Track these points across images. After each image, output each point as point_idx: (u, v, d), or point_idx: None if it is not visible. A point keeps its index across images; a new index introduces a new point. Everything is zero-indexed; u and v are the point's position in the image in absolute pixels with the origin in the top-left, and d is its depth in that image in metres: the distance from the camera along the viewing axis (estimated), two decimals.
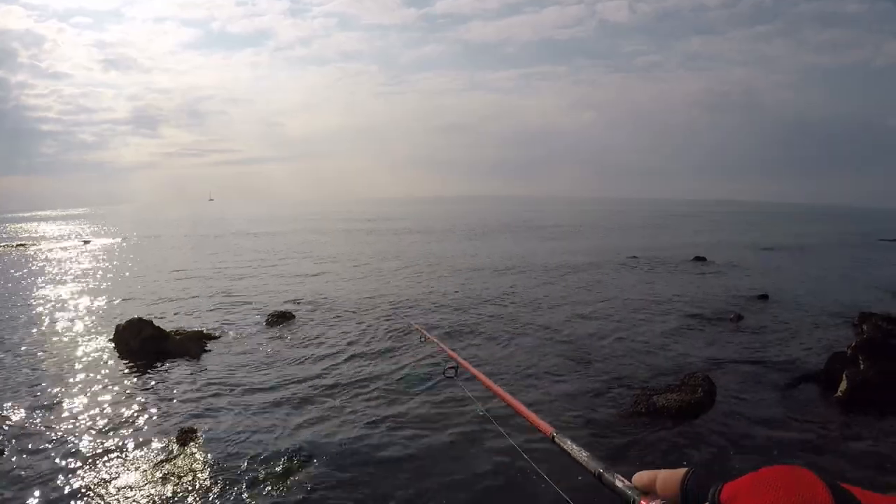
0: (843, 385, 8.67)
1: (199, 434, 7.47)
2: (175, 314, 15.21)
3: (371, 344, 11.86)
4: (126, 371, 10.39)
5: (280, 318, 14.25)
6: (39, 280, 22.90)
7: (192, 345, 11.48)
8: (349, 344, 11.93)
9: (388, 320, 13.86)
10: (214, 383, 9.60)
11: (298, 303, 16.42)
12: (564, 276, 20.94)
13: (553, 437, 1.55)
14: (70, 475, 6.46)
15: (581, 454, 1.34)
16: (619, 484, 1.09)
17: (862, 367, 9.06)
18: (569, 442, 1.43)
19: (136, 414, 8.33)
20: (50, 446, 7.24)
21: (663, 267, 23.94)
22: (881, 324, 12.51)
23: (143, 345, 11.27)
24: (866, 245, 38.02)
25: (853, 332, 12.34)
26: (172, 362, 10.83)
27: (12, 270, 26.39)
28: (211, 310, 15.79)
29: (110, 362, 10.89)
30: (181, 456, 6.90)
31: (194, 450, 7.06)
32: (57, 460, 6.84)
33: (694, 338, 12.22)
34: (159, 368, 10.52)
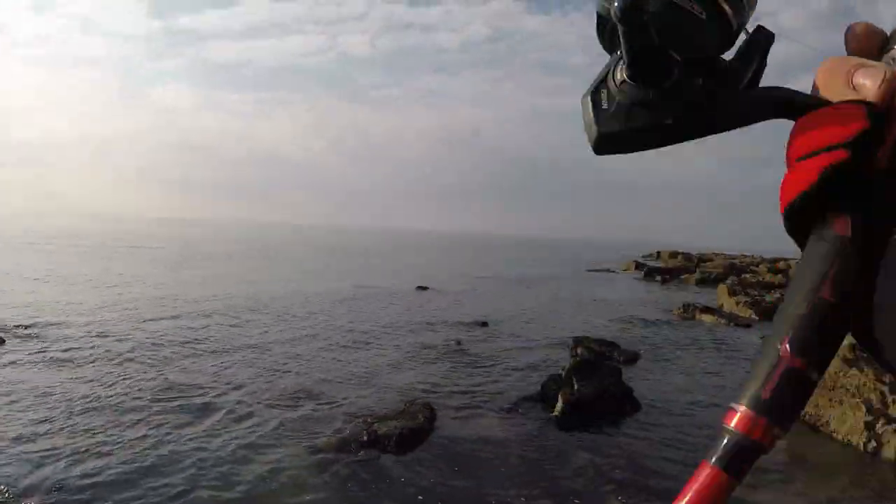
0: (559, 405, 9.50)
1: None
2: None
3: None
4: None
5: None
6: None
7: None
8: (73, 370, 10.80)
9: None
10: None
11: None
12: (268, 305, 20.59)
13: None
14: None
15: None
16: None
17: (576, 386, 9.98)
18: None
19: None
20: None
21: (387, 296, 24.60)
22: (593, 346, 13.98)
23: None
24: (578, 274, 42.26)
25: (568, 354, 13.54)
26: None
27: None
28: None
29: None
30: None
31: None
32: None
33: (416, 365, 12.71)
34: None
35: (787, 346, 0.52)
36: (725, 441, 0.52)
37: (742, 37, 0.62)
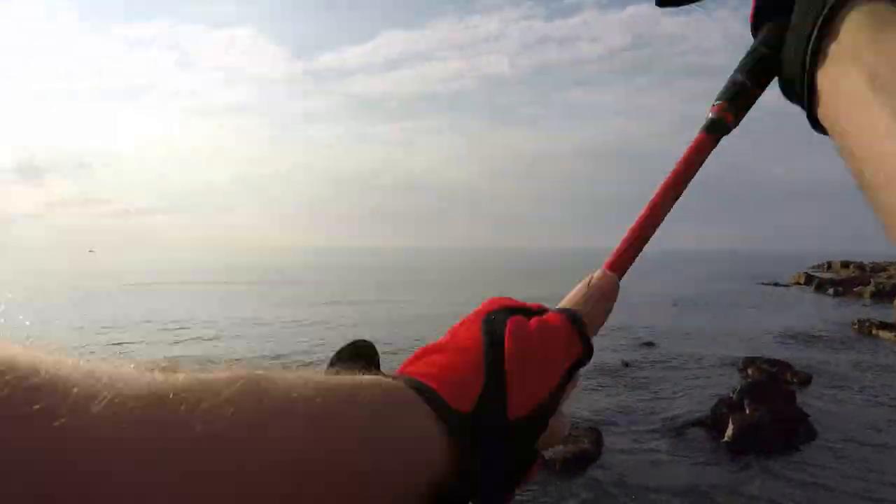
0: (730, 430, 9.25)
1: None
2: None
3: None
4: None
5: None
6: None
7: None
8: None
9: None
10: None
11: (182, 356, 15.83)
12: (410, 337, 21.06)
13: None
14: None
15: None
16: None
17: (747, 410, 9.70)
18: None
19: None
20: None
21: None
22: (765, 367, 13.47)
23: None
24: (746, 289, 40.64)
25: (739, 376, 13.16)
26: None
27: None
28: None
29: None
30: None
31: None
32: None
33: (581, 387, 12.67)
34: None
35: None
36: (707, 119, 0.75)
37: None
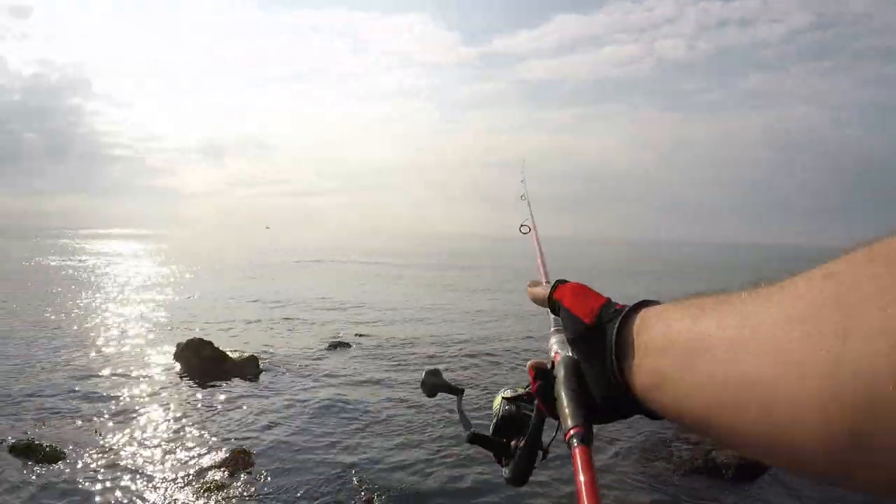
0: None
1: (251, 457, 8.04)
2: (233, 336, 16.40)
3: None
4: (184, 389, 11.42)
5: (336, 347, 15.41)
6: (103, 296, 24.97)
7: (248, 367, 12.51)
8: (403, 378, 12.61)
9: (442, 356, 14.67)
10: (269, 407, 10.38)
11: (356, 334, 17.27)
12: None
13: None
14: (121, 493, 7.14)
15: None
16: None
17: None
18: None
19: (190, 431, 9.11)
20: (104, 460, 7.95)
21: None
22: None
23: (201, 364, 12.34)
24: None
25: None
26: (230, 383, 11.76)
27: (76, 286, 28.45)
28: (268, 334, 17.05)
29: (171, 380, 11.98)
30: (232, 477, 7.53)
31: (246, 472, 7.67)
32: (110, 476, 7.51)
33: None
34: (217, 388, 11.44)
35: None
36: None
37: None
